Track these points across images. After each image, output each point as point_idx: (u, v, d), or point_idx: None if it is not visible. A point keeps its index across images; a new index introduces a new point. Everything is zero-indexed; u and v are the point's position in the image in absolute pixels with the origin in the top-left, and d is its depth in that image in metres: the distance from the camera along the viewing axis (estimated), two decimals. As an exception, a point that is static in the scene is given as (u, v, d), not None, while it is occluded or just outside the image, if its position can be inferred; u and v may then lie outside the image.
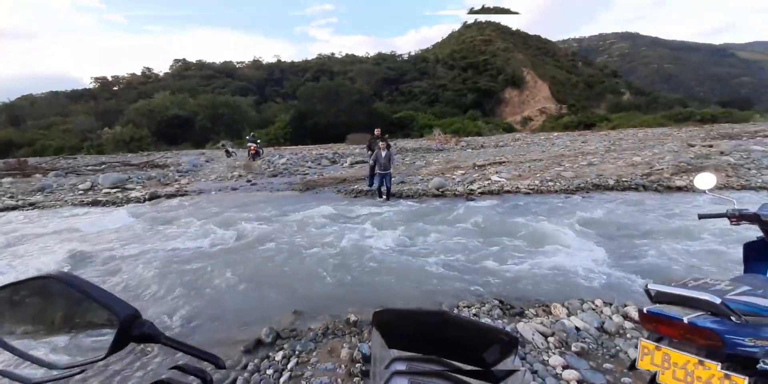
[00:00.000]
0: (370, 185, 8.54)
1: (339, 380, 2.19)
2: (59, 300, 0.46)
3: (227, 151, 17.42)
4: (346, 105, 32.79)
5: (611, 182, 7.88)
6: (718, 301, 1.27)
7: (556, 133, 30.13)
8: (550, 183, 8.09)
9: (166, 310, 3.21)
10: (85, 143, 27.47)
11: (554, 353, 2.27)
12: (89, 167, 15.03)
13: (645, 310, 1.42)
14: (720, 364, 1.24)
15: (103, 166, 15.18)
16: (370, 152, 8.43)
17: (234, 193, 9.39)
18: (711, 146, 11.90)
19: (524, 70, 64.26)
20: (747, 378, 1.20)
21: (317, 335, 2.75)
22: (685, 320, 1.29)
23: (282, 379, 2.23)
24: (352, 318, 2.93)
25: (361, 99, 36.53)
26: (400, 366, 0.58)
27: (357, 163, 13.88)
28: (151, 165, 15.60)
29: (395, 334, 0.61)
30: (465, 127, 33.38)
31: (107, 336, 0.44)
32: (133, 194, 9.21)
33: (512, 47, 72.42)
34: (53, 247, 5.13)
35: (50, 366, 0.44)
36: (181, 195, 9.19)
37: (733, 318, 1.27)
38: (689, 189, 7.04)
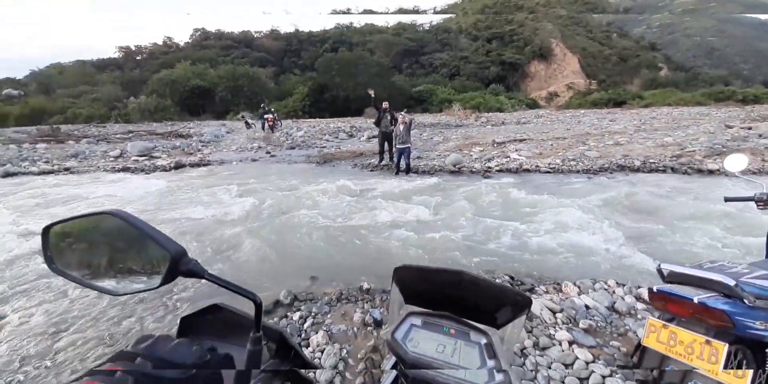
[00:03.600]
0: (380, 161, 8.53)
1: (355, 328, 2.34)
2: (116, 235, 0.50)
3: (246, 123, 17.58)
4: (365, 78, 31.98)
5: (637, 163, 7.57)
6: (732, 282, 1.26)
7: (583, 111, 28.72)
8: (572, 162, 7.85)
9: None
10: (113, 112, 28.18)
11: (561, 328, 2.32)
12: (118, 135, 15.51)
13: (655, 289, 1.43)
14: (727, 344, 1.25)
15: (130, 135, 15.63)
16: (381, 127, 8.34)
17: (254, 164, 9.58)
18: (750, 128, 11.12)
19: (553, 41, 60.26)
20: (727, 344, 1.22)
21: (332, 300, 2.89)
22: (696, 300, 1.29)
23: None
24: (365, 285, 3.06)
25: (380, 72, 35.45)
26: (415, 320, 0.62)
27: (374, 137, 13.72)
28: (175, 135, 15.96)
29: (413, 291, 0.65)
30: (486, 103, 32.17)
31: (157, 269, 0.49)
32: (160, 162, 9.54)
33: (543, 12, 67.51)
34: (88, 210, 5.45)
35: (109, 292, 0.49)
36: (204, 164, 9.46)
37: (745, 300, 1.26)
38: (721, 173, 6.70)
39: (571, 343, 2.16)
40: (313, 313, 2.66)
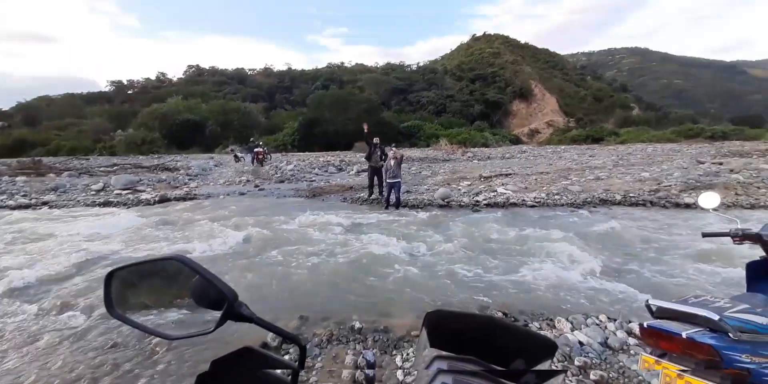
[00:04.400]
0: (370, 195, 8.63)
1: (345, 371, 2.24)
2: (175, 280, 0.53)
3: (236, 156, 17.72)
4: (355, 113, 33.17)
5: (618, 197, 7.87)
6: (716, 317, 1.31)
7: (563, 146, 30.11)
8: (556, 196, 8.10)
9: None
10: (98, 145, 28.09)
11: (557, 366, 2.28)
12: (102, 168, 15.34)
13: (645, 325, 1.46)
14: (717, 380, 1.27)
15: (115, 168, 15.48)
16: (369, 162, 8.53)
17: (242, 197, 9.53)
18: (721, 164, 11.82)
19: (532, 82, 64.57)
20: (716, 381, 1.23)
21: (322, 341, 2.78)
22: (684, 335, 1.32)
23: None
24: (357, 325, 2.97)
25: (369, 108, 36.92)
26: (441, 364, 0.64)
27: (363, 171, 14.00)
28: (162, 168, 15.88)
29: (439, 334, 0.68)
30: (472, 138, 33.49)
31: (207, 314, 0.51)
32: (144, 196, 9.39)
33: (520, 60, 72.94)
34: (65, 247, 5.25)
35: (166, 337, 0.51)
36: (191, 198, 9.35)
37: (730, 334, 1.30)
38: (697, 206, 7.00)
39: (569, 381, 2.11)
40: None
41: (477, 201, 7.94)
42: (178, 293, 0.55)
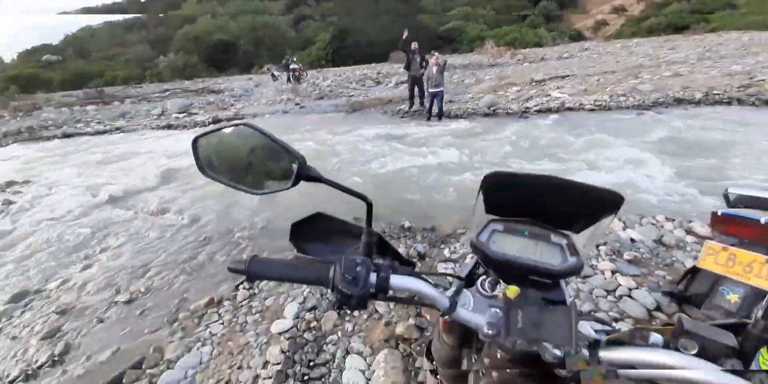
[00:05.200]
0: (411, 106, 8.24)
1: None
2: (250, 144, 0.58)
3: (273, 75, 17.35)
4: (388, 19, 29.53)
5: (699, 95, 6.80)
6: None
7: (636, 40, 25.30)
8: (621, 98, 7.19)
9: (244, 215, 3.74)
10: (146, 72, 28.88)
11: (603, 259, 2.36)
12: (156, 94, 16.04)
13: (720, 213, 1.40)
14: None
15: (167, 93, 16.12)
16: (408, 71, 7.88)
17: (285, 116, 9.66)
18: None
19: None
20: None
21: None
22: (763, 220, 1.26)
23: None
24: (407, 224, 3.20)
25: (405, 10, 32.50)
26: (496, 226, 0.66)
27: (402, 83, 13.16)
28: (208, 91, 16.25)
29: (497, 200, 0.68)
30: (523, 37, 29.03)
31: (285, 175, 0.57)
32: (198, 118, 9.92)
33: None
34: (147, 165, 5.90)
35: (252, 192, 0.58)
36: (239, 119, 9.67)
37: None
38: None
39: (614, 272, 2.21)
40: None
41: (527, 107, 7.32)
42: (254, 156, 0.59)
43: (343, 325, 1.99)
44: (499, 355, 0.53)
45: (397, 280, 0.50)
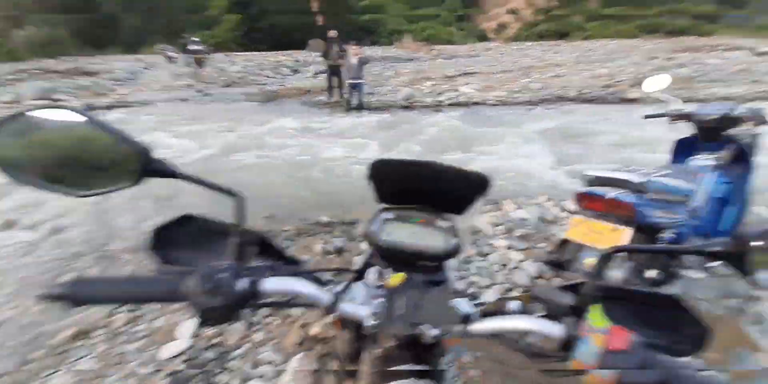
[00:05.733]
0: (330, 98, 8.13)
1: (317, 257, 2.55)
2: (69, 131, 0.46)
3: (168, 57, 15.14)
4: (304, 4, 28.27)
5: (573, 94, 8.03)
6: (639, 180, 1.51)
7: (529, 43, 28.71)
8: (517, 94, 8.12)
9: (127, 221, 3.25)
10: (-5, 49, 22.67)
11: (500, 238, 2.67)
12: (8, 76, 12.74)
13: (580, 191, 1.67)
14: (630, 230, 1.53)
15: (23, 75, 12.91)
16: (327, 61, 7.74)
17: (185, 104, 8.62)
18: (671, 58, 12.04)
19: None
20: (630, 229, 1.51)
21: (291, 235, 2.97)
22: (609, 196, 1.54)
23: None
24: (325, 219, 3.16)
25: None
26: (388, 215, 0.67)
27: (321, 72, 12.81)
28: (80, 72, 13.44)
29: (386, 187, 0.68)
30: (438, 34, 30.76)
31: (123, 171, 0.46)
32: (65, 106, 8.19)
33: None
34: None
35: (75, 194, 0.47)
36: (123, 106, 8.31)
37: (648, 194, 1.53)
38: (642, 101, 7.38)
39: (507, 247, 2.51)
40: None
41: (440, 101, 7.80)
42: (76, 148, 0.47)
43: (252, 336, 1.85)
44: (389, 344, 0.54)
45: (271, 284, 0.46)
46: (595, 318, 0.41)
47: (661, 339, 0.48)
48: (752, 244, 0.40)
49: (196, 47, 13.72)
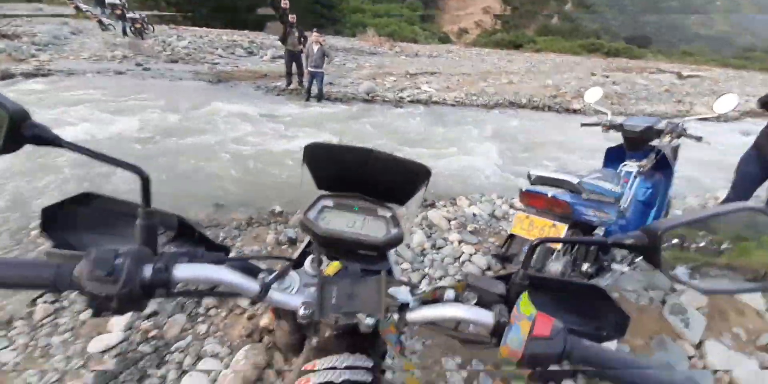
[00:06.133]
0: (288, 84, 7.81)
1: (268, 247, 2.43)
2: None
3: (101, 22, 13.46)
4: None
5: (524, 101, 8.56)
6: (576, 180, 1.65)
7: (487, 50, 30.03)
8: (473, 97, 8.44)
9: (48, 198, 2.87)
10: None
11: (454, 232, 2.76)
12: None
13: (524, 189, 1.77)
14: (566, 226, 1.66)
15: None
16: (285, 47, 7.42)
17: (121, 77, 7.72)
18: (608, 76, 13.34)
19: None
20: (566, 226, 1.64)
21: (241, 224, 2.81)
22: (549, 194, 1.65)
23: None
24: (278, 209, 3.03)
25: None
26: (326, 202, 0.64)
27: (279, 57, 12.24)
28: (-8, 32, 11.45)
29: (323, 173, 0.65)
30: (401, 31, 30.89)
31: None
32: (-29, 68, 6.93)
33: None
34: None
35: None
36: (44, 75, 7.23)
37: (583, 195, 1.67)
38: (583, 112, 8.09)
39: (460, 242, 2.60)
40: (220, 238, 2.57)
41: (401, 97, 7.86)
42: None
43: (195, 328, 1.74)
44: (326, 334, 0.52)
45: (186, 271, 0.41)
46: (524, 306, 0.42)
47: (584, 325, 0.52)
48: (660, 235, 0.42)
49: (132, 15, 12.38)
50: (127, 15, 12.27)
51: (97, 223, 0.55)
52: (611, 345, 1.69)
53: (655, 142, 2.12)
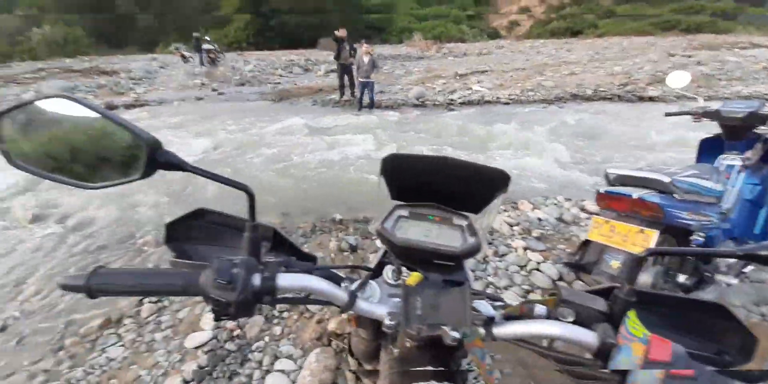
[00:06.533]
0: (341, 96, 8.14)
1: (331, 254, 2.55)
2: (76, 122, 0.45)
3: (183, 56, 15.41)
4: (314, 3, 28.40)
5: (589, 92, 7.88)
6: (667, 179, 1.47)
7: (541, 41, 28.28)
8: (530, 93, 8.00)
9: (149, 215, 3.31)
10: (16, 48, 23.39)
11: (517, 238, 2.63)
12: (27, 75, 13.07)
13: (602, 191, 1.62)
14: (657, 232, 1.48)
15: (42, 74, 13.21)
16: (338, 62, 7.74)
17: (200, 103, 8.74)
18: (690, 56, 11.72)
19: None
20: (657, 231, 1.45)
21: (306, 232, 2.98)
22: (635, 196, 1.49)
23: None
24: (338, 217, 3.16)
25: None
26: (402, 212, 0.66)
27: (332, 71, 12.86)
28: (98, 71, 13.72)
29: (399, 184, 0.66)
30: (448, 32, 30.47)
31: (133, 162, 0.45)
32: (86, 104, 8.36)
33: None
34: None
35: (84, 186, 0.46)
36: (141, 105, 8.46)
37: (676, 195, 1.48)
38: (661, 99, 7.21)
39: (525, 248, 2.47)
40: (289, 245, 2.75)
41: (452, 99, 7.74)
42: (83, 139, 0.46)
43: (271, 330, 1.88)
44: (408, 344, 0.52)
45: (286, 280, 0.45)
46: (632, 325, 0.39)
47: (703, 349, 0.46)
48: None
49: (209, 46, 13.94)
50: (203, 46, 13.86)
51: (208, 235, 0.62)
52: None
53: (760, 130, 1.80)
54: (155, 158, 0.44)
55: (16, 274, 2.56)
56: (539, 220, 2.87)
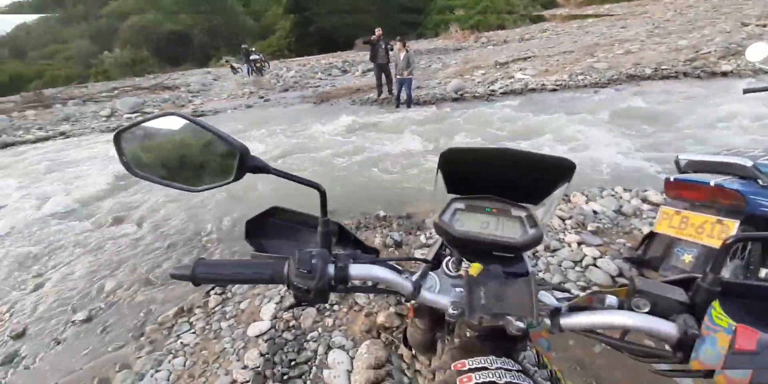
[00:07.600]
0: (380, 95, 8.19)
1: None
2: (182, 136, 0.53)
3: (233, 68, 16.53)
4: (350, 4, 28.82)
5: (648, 71, 7.15)
6: (749, 163, 1.30)
7: (590, 20, 26.12)
8: (579, 77, 7.45)
9: (210, 216, 3.61)
10: (91, 70, 26.80)
11: (570, 232, 2.48)
12: (103, 94, 14.83)
13: (672, 178, 1.48)
14: (738, 222, 1.32)
15: (115, 92, 14.91)
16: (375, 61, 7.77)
17: (249, 110, 9.31)
18: (765, 26, 10.14)
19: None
20: (738, 221, 1.29)
21: (352, 229, 3.07)
22: (712, 183, 1.34)
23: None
24: (381, 214, 3.21)
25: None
26: (459, 205, 0.66)
27: (369, 71, 12.99)
28: (162, 87, 15.19)
29: (457, 177, 0.66)
30: (486, 20, 29.26)
31: (226, 167, 0.52)
32: (152, 118, 9.32)
33: None
34: (97, 172, 5.51)
35: (189, 189, 0.53)
36: (199, 116, 9.20)
37: (760, 181, 1.31)
38: (735, 73, 6.35)
39: (579, 243, 2.33)
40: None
41: (492, 90, 7.45)
42: (187, 149, 0.55)
43: (324, 321, 1.97)
44: (468, 334, 0.53)
45: (357, 270, 0.49)
46: (717, 315, 0.37)
47: None
48: None
49: (255, 56, 14.75)
50: (250, 57, 14.72)
51: (281, 231, 0.69)
52: None
53: None
54: (245, 163, 0.50)
55: (100, 271, 2.94)
56: (594, 213, 2.69)
